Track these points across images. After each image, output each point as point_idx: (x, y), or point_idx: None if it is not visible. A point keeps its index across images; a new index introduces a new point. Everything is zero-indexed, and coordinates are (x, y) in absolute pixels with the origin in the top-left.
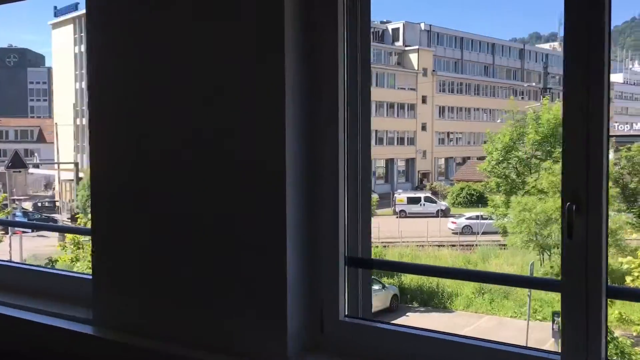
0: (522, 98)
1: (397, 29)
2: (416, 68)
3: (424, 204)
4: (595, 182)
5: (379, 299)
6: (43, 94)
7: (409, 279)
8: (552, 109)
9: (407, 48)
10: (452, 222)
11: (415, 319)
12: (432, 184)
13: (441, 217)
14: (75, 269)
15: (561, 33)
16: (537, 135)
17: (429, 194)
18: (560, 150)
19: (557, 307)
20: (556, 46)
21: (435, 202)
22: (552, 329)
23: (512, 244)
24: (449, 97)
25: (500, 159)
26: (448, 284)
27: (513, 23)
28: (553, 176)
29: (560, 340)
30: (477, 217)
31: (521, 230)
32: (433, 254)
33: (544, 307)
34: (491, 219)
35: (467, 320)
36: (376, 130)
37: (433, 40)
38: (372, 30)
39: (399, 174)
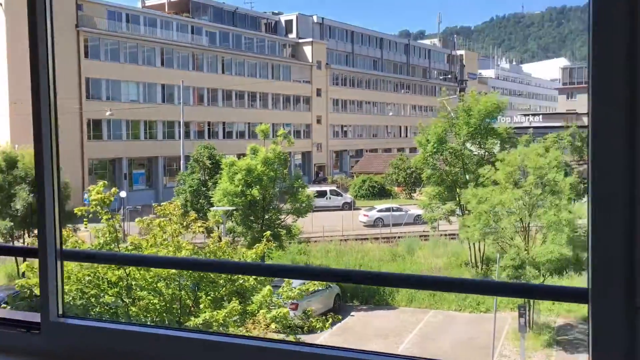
0: (406, 92)
1: (290, 21)
2: (311, 61)
3: (330, 197)
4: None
5: (324, 300)
6: None
7: None
8: (481, 101)
9: (300, 40)
10: (364, 215)
11: (362, 319)
12: (333, 178)
13: (347, 209)
14: None
15: (437, 30)
16: (469, 127)
17: (334, 187)
18: (499, 142)
19: (498, 299)
20: (436, 42)
21: (341, 195)
22: (519, 323)
23: (467, 236)
24: (342, 90)
25: (434, 150)
26: None
27: (400, 20)
28: (510, 167)
29: (524, 335)
30: (388, 209)
31: (480, 223)
32: (358, 248)
33: (486, 299)
34: (402, 210)
35: (414, 316)
36: (273, 124)
37: (325, 33)
38: (264, 21)
39: (295, 167)
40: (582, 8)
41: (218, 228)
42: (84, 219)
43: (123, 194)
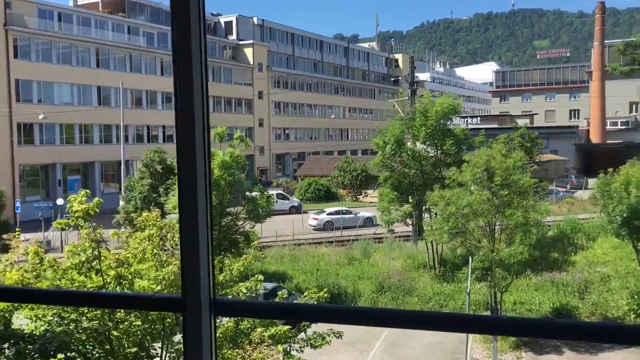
0: (345, 95)
1: (230, 22)
2: (252, 63)
3: (276, 201)
4: None
5: None
6: None
7: (301, 280)
8: (437, 103)
9: (241, 42)
10: (314, 219)
11: (327, 327)
12: (278, 181)
13: (294, 213)
14: None
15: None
16: (426, 128)
17: (280, 191)
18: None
19: (459, 301)
20: (374, 45)
21: (288, 199)
22: None
23: (435, 239)
24: (284, 92)
25: (392, 152)
26: (345, 284)
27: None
28: (476, 168)
29: (496, 337)
30: (337, 212)
31: (448, 225)
32: (312, 253)
33: (448, 301)
34: (352, 213)
35: None
36: (214, 127)
37: (266, 35)
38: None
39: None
40: (506, 14)
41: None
42: (17, 229)
43: (60, 201)
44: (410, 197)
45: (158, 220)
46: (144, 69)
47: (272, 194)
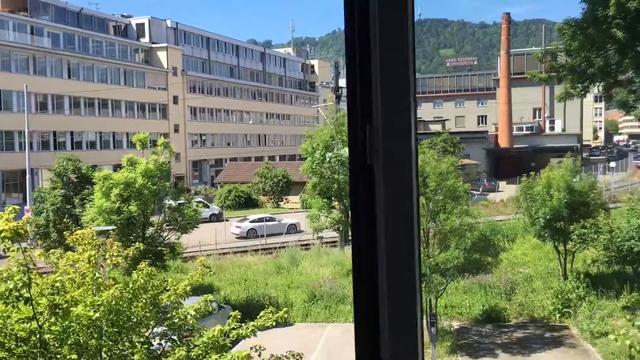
0: (262, 100)
1: (142, 25)
2: (166, 67)
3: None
4: None
5: (217, 323)
6: None
7: (229, 291)
8: None
9: (154, 45)
10: (237, 227)
11: (260, 337)
12: (196, 189)
13: (214, 221)
14: None
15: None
16: None
17: (200, 199)
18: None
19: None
20: (290, 51)
21: (208, 207)
22: (430, 332)
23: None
24: (200, 97)
25: (321, 158)
26: (275, 294)
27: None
28: None
29: (435, 344)
30: (261, 220)
31: None
32: (238, 262)
33: None
34: (275, 220)
35: (313, 331)
36: (127, 133)
37: (180, 39)
38: (113, 24)
39: None
40: (416, 23)
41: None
42: None
43: None
44: (336, 202)
45: (94, 238)
46: (50, 71)
47: (200, 203)
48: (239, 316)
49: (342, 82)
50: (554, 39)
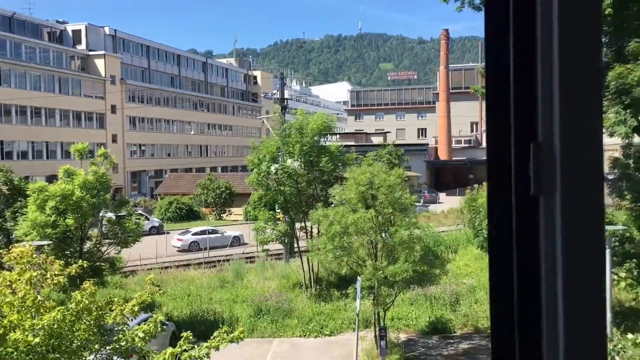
0: (203, 110)
1: (79, 31)
2: (103, 75)
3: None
4: None
5: (159, 341)
6: None
7: (171, 307)
8: (311, 120)
9: (91, 53)
10: (178, 239)
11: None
12: (135, 201)
13: (154, 234)
14: None
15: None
16: (302, 145)
17: (140, 211)
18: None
19: (338, 321)
20: (232, 61)
21: (148, 219)
22: (380, 346)
23: (320, 259)
24: (139, 107)
25: (267, 170)
26: (220, 308)
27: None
28: (361, 186)
29: (384, 359)
30: (203, 232)
31: (333, 244)
32: (181, 277)
33: (328, 321)
34: (218, 232)
35: (259, 347)
36: (62, 142)
37: (119, 47)
38: (48, 30)
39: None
40: (355, 37)
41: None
42: None
43: None
44: (281, 215)
45: (34, 256)
46: None
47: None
48: (191, 337)
49: (287, 93)
50: None
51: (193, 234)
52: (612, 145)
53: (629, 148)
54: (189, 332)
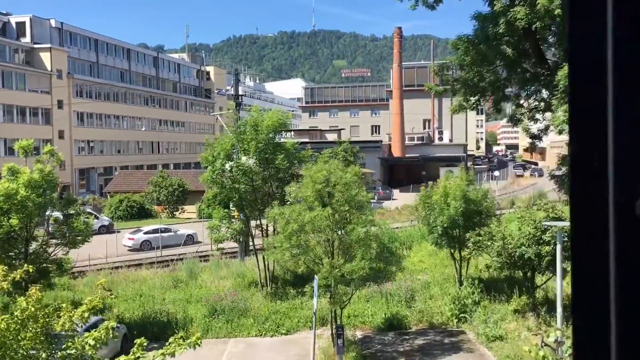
0: (155, 106)
1: (23, 23)
2: (49, 69)
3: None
4: None
5: (110, 344)
6: None
7: (122, 309)
8: (266, 117)
9: (36, 46)
10: (130, 239)
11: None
12: (83, 199)
13: (104, 233)
14: None
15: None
16: (257, 142)
17: (89, 209)
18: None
19: (295, 320)
20: (185, 57)
21: (98, 218)
22: (337, 344)
23: (277, 258)
24: (87, 102)
25: (222, 167)
26: (173, 309)
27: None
28: (318, 184)
29: (342, 357)
30: (156, 231)
31: (290, 243)
32: (133, 277)
33: (284, 320)
34: (171, 231)
35: (214, 348)
36: (5, 139)
37: (66, 40)
38: None
39: None
40: (308, 34)
41: None
42: None
43: None
44: (236, 213)
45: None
46: None
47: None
48: (145, 344)
49: (241, 90)
50: (438, 55)
51: (145, 233)
52: (560, 142)
53: None
54: (142, 338)
